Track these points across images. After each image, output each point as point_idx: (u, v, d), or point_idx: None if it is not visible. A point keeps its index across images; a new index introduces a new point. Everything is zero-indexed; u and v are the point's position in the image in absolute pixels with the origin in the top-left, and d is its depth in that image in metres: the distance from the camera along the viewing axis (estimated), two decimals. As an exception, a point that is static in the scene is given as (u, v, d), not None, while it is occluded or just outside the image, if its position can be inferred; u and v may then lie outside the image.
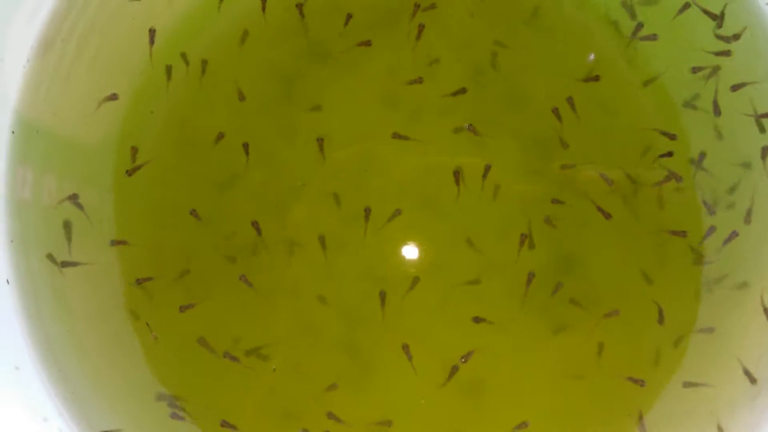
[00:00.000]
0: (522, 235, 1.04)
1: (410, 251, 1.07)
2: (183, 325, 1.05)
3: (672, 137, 1.06)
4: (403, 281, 1.05)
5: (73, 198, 1.04)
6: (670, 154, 1.05)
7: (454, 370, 1.03)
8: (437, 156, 1.07)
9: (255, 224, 1.05)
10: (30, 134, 1.03)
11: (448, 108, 1.08)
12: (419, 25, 1.08)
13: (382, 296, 1.04)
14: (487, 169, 1.05)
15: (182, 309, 1.04)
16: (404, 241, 1.07)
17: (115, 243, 1.05)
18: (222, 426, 1.02)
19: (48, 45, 1.05)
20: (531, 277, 1.04)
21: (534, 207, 1.06)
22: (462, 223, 1.07)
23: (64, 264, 1.03)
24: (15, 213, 1.03)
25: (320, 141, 1.06)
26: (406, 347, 1.02)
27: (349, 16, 1.08)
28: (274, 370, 1.05)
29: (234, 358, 1.03)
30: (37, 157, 1.04)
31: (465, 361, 1.03)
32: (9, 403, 0.96)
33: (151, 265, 1.05)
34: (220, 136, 1.06)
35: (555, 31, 1.10)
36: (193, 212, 1.05)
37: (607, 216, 1.05)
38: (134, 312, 1.04)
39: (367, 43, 1.08)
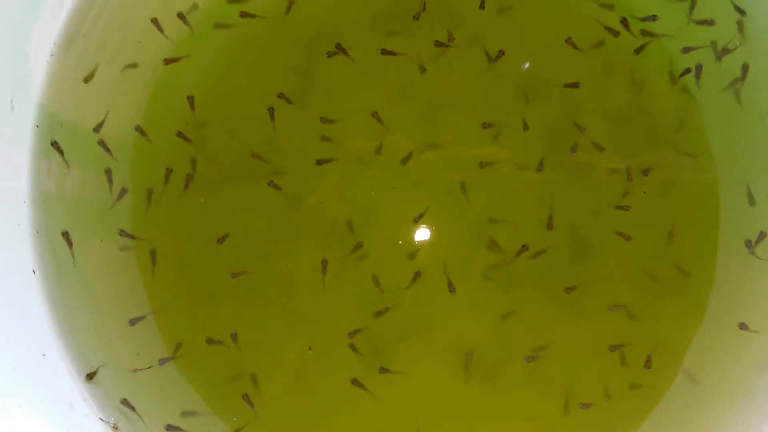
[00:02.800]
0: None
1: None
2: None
3: None
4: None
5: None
6: None
7: None
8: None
9: None
10: (54, 128, 1.06)
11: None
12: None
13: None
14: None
15: None
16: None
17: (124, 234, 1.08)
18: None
19: (70, 41, 1.07)
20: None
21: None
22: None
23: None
24: (40, 205, 1.06)
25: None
26: None
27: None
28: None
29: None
30: (61, 150, 1.07)
31: None
32: (37, 390, 0.99)
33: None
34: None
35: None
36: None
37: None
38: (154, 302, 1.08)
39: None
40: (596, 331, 1.07)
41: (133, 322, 1.06)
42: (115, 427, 1.03)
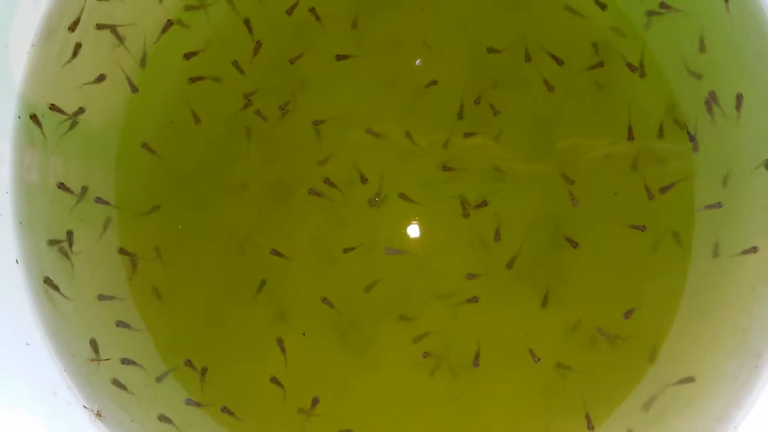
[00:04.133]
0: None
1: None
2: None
3: None
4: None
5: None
6: None
7: None
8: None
9: None
10: (35, 114, 1.07)
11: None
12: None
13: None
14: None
15: None
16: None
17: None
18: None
19: (51, 31, 1.08)
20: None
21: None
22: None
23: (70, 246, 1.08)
24: (23, 196, 1.06)
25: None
26: None
27: None
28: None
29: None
30: (42, 140, 1.07)
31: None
32: (21, 378, 1.00)
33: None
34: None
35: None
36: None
37: None
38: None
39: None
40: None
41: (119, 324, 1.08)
42: (99, 414, 1.04)
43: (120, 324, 1.07)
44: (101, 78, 1.09)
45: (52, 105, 1.06)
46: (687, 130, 1.08)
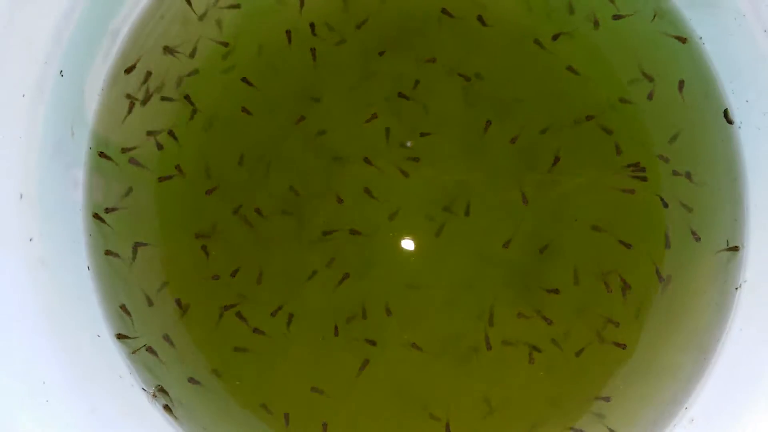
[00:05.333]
0: None
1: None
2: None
3: None
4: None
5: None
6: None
7: None
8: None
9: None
10: (103, 148, 1.29)
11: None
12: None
13: None
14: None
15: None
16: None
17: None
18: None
19: (115, 77, 1.30)
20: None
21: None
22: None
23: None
24: (92, 213, 1.28)
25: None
26: None
27: None
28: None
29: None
30: (108, 168, 1.30)
31: None
32: (95, 364, 1.23)
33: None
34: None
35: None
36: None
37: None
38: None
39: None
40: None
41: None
42: (154, 395, 1.26)
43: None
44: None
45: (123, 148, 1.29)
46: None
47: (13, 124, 1.13)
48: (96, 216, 1.27)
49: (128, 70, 1.29)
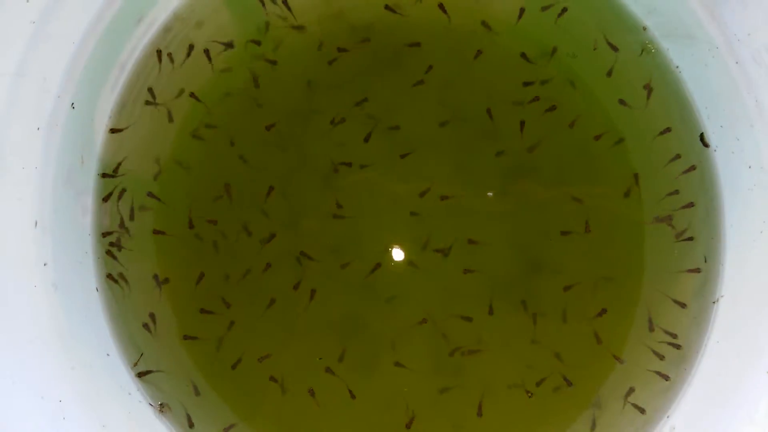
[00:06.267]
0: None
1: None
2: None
3: None
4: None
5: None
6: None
7: None
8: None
9: None
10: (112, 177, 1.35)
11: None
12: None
13: None
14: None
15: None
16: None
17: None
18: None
19: (122, 106, 1.36)
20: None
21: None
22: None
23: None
24: (100, 237, 1.34)
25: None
26: None
27: None
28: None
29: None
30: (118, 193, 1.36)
31: None
32: (105, 381, 1.28)
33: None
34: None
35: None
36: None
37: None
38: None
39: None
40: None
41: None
42: (160, 409, 1.31)
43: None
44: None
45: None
46: None
47: (30, 156, 1.19)
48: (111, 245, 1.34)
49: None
